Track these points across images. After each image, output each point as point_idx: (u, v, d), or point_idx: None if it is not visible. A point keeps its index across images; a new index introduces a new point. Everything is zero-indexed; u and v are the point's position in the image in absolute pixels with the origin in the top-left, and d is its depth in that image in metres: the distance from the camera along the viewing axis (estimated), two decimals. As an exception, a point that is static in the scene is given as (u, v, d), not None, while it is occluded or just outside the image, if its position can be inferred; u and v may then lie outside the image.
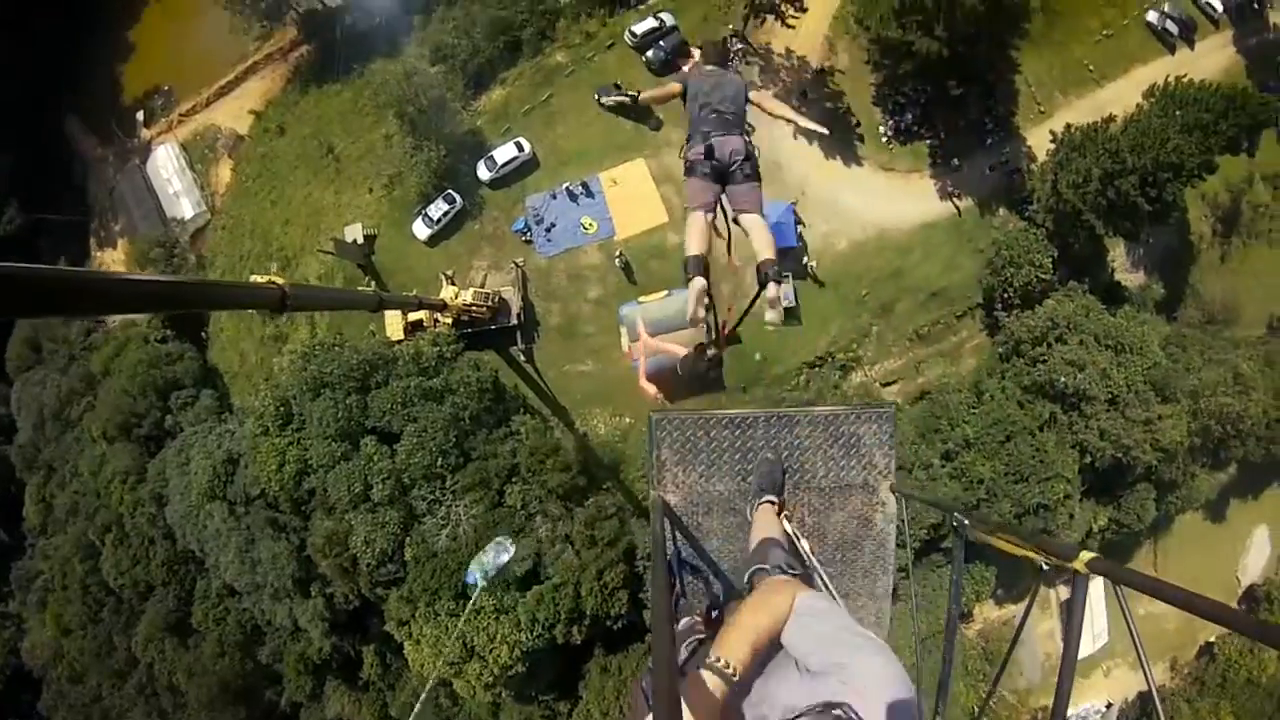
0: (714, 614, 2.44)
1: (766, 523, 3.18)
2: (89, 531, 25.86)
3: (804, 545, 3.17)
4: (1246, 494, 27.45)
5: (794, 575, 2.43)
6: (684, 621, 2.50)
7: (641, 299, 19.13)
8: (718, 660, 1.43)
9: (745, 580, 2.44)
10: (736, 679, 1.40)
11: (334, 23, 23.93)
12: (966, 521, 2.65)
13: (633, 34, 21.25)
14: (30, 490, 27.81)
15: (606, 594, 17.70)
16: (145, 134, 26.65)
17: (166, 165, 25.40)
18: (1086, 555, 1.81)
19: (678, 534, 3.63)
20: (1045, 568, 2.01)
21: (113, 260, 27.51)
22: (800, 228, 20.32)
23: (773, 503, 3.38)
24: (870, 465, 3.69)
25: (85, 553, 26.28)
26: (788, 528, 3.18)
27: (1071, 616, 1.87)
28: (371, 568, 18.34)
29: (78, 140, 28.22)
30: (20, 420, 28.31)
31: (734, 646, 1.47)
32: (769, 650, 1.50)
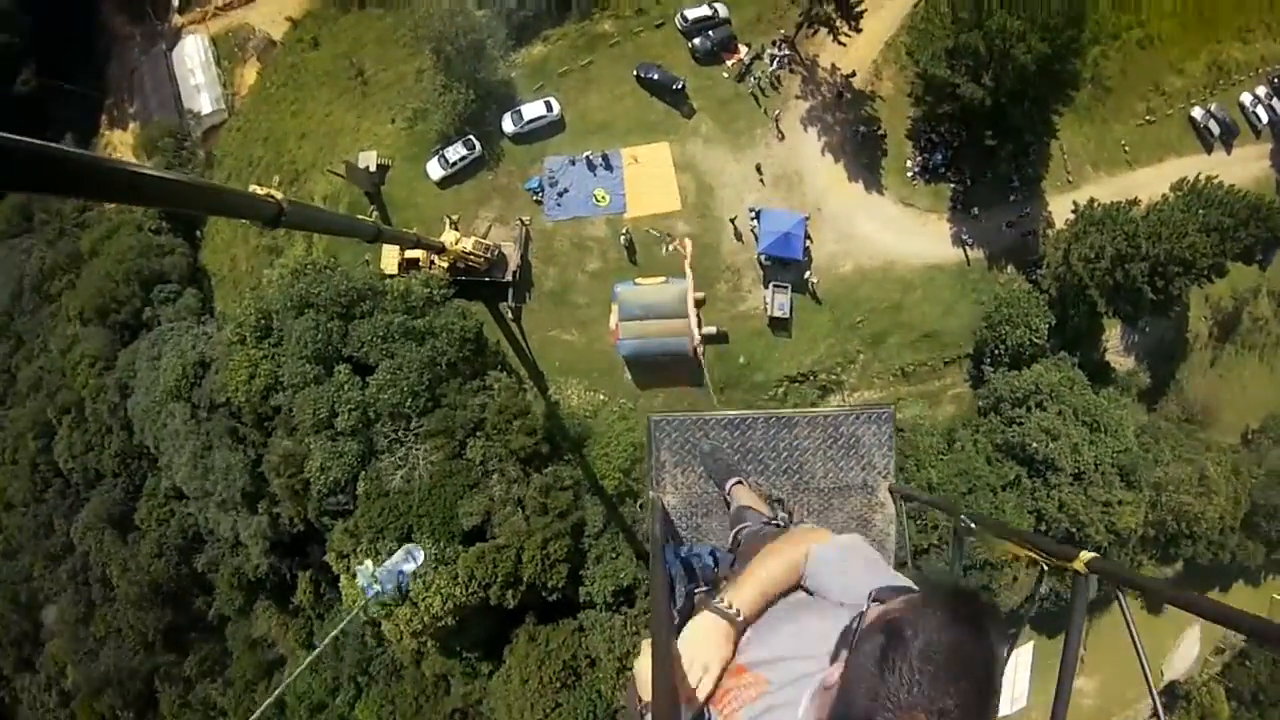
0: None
1: (744, 497, 3.21)
2: (48, 410, 25.54)
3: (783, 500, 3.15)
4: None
5: (775, 526, 2.46)
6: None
7: (639, 280, 19.04)
8: (723, 602, 1.44)
9: (730, 540, 2.43)
10: (741, 620, 1.42)
11: (389, -54, 23.41)
12: (971, 524, 2.64)
13: (684, 18, 21.08)
14: (-5, 356, 27.37)
15: (548, 564, 17.73)
16: (177, 20, 26.02)
17: (193, 56, 24.81)
18: (1086, 555, 1.81)
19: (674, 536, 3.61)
20: (1046, 567, 2.01)
21: (121, 141, 26.94)
22: (808, 242, 20.33)
23: (741, 482, 3.39)
24: (869, 466, 3.65)
25: (40, 430, 25.98)
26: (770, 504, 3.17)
27: (1073, 617, 1.88)
28: (322, 495, 18.25)
29: (107, 14, 27.53)
30: (-2, 284, 27.79)
31: (743, 592, 1.48)
32: (782, 597, 1.49)
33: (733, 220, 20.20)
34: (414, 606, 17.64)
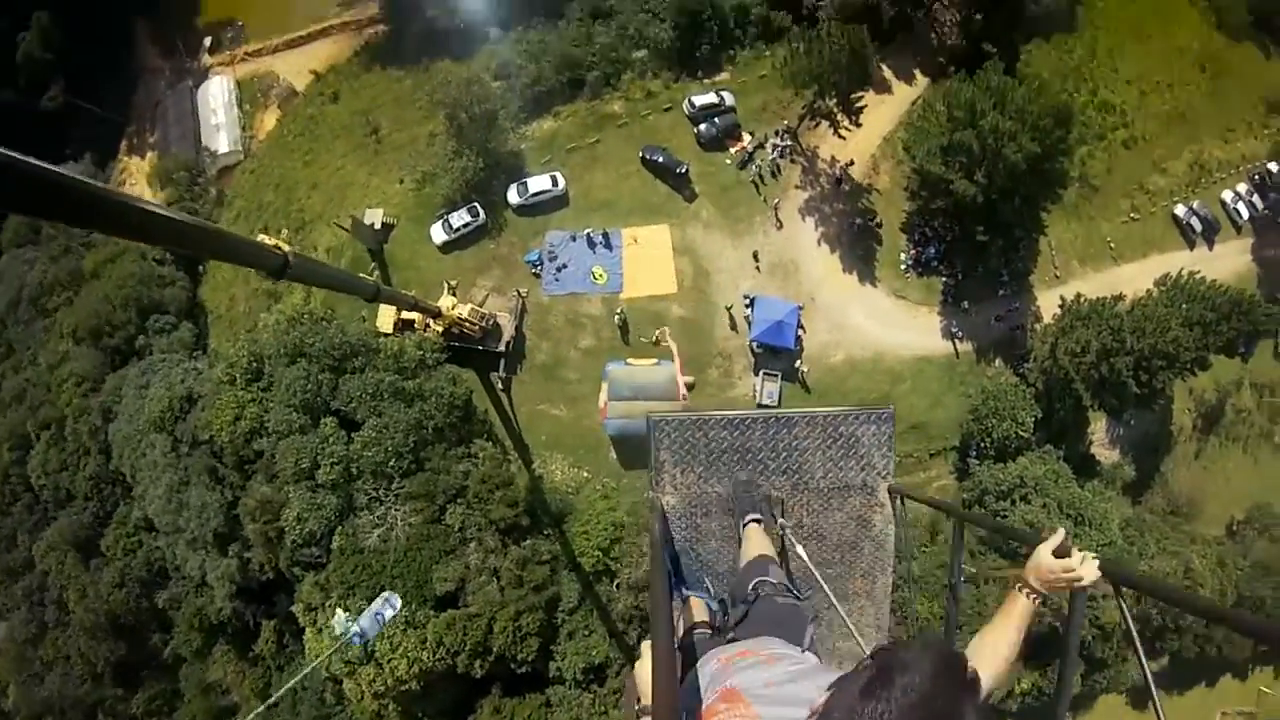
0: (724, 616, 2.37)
1: (758, 541, 3.15)
2: (28, 423, 25.20)
3: (803, 553, 3.12)
4: (1173, 689, 27.40)
5: (795, 599, 2.48)
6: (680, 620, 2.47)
7: (630, 360, 19.27)
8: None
9: (749, 591, 2.40)
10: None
11: (417, 12, 24.45)
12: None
13: (691, 104, 21.87)
14: (-19, 363, 27.15)
15: (519, 636, 17.36)
16: (206, 60, 26.98)
17: (217, 96, 25.63)
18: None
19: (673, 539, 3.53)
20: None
21: (137, 169, 27.51)
22: (801, 331, 20.65)
23: (758, 521, 3.32)
24: (869, 466, 3.59)
25: (17, 442, 25.58)
26: (799, 549, 3.13)
27: (1073, 615, 1.95)
28: (296, 545, 17.94)
29: (141, 45, 28.51)
30: (-3, 293, 27.80)
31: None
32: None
33: (728, 309, 20.50)
34: (379, 667, 17.14)
